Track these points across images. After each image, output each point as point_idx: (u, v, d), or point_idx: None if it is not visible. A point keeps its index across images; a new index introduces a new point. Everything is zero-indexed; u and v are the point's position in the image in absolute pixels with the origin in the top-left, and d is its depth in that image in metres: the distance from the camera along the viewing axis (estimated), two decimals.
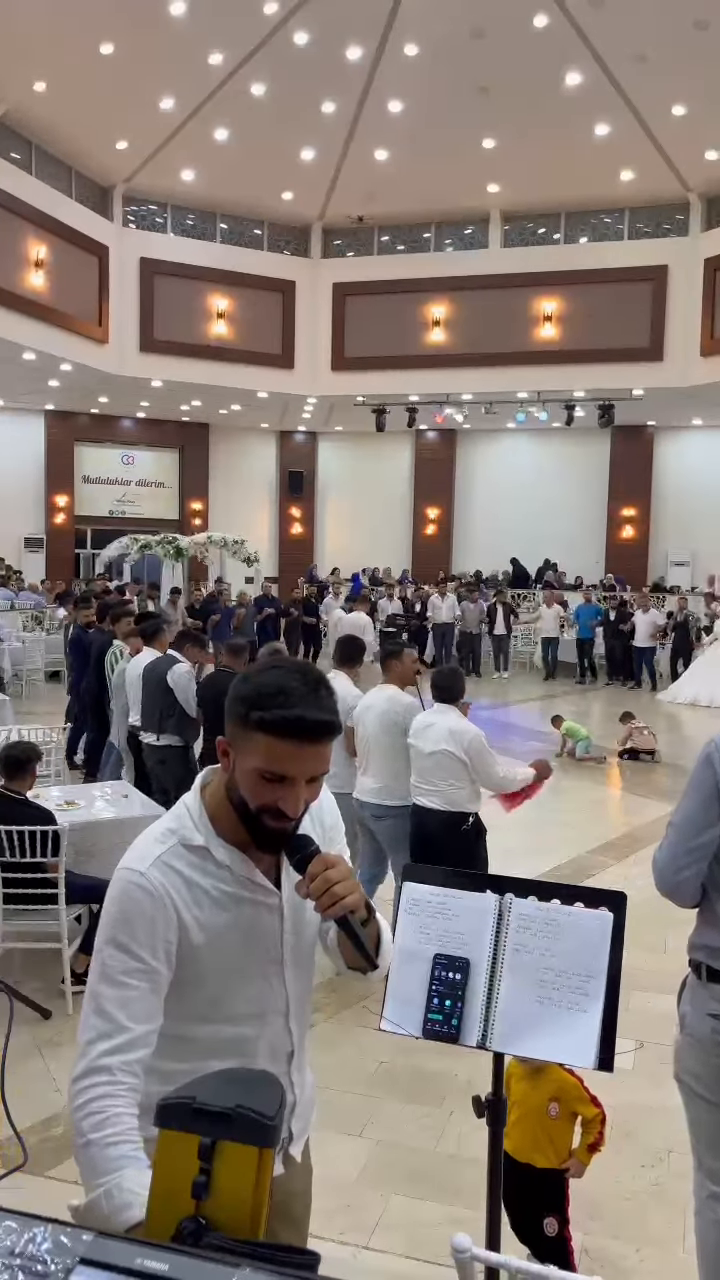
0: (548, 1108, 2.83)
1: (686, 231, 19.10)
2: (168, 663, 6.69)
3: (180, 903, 1.60)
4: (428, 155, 17.78)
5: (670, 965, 5.31)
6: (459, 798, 5.00)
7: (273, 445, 25.57)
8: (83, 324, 18.07)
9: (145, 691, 6.72)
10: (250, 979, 1.69)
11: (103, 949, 1.59)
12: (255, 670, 1.64)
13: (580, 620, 17.42)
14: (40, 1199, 3.25)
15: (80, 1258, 0.98)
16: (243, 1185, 1.14)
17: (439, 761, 4.96)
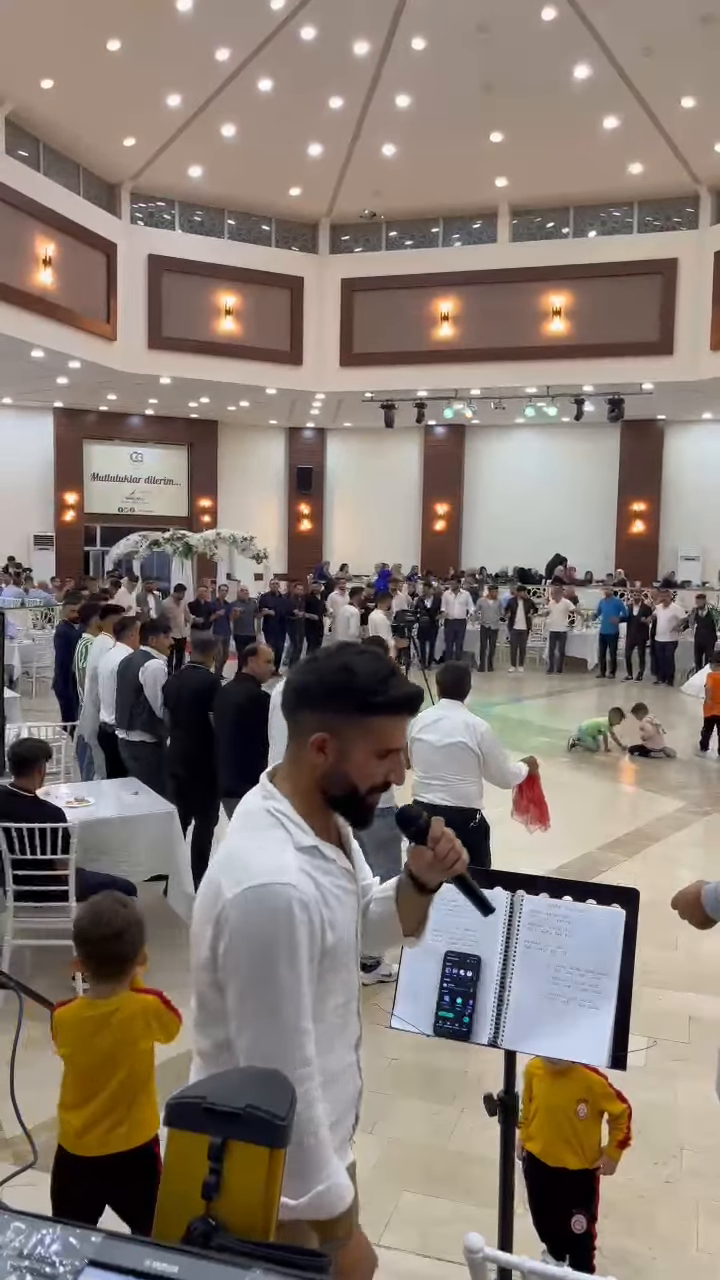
0: (576, 1109, 2.82)
1: (696, 224, 19.01)
2: (141, 658, 6.64)
3: (322, 906, 1.63)
4: (435, 150, 17.73)
5: (682, 962, 5.30)
6: (468, 793, 4.98)
7: (281, 442, 25.57)
8: (91, 321, 18.09)
9: (118, 687, 6.69)
10: (346, 968, 1.73)
11: (276, 964, 1.55)
12: (341, 662, 1.67)
13: (603, 615, 17.36)
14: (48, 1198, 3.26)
15: (89, 1259, 0.97)
16: (253, 1186, 1.14)
17: (451, 754, 4.92)
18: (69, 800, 5.56)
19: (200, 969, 1.66)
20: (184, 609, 15.78)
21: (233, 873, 1.60)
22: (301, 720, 1.68)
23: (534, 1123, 2.84)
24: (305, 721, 1.67)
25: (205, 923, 1.63)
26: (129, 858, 5.35)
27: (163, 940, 5.64)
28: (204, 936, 1.63)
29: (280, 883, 1.56)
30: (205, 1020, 1.69)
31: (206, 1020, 1.69)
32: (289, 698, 1.70)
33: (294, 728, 1.70)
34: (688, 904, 2.35)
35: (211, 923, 1.61)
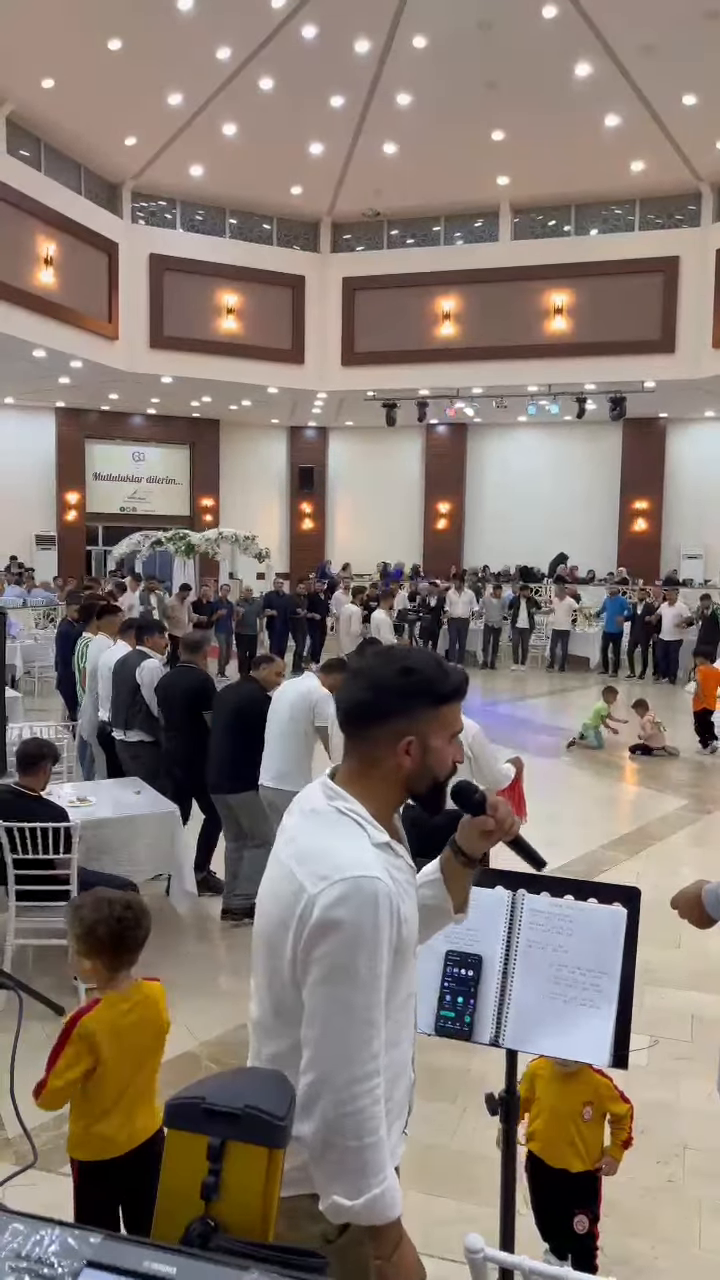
0: (582, 1112, 2.82)
1: (698, 222, 18.98)
2: (137, 658, 6.63)
3: (400, 900, 1.65)
4: (437, 148, 17.71)
5: (684, 961, 5.29)
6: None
7: (283, 441, 25.56)
8: (92, 321, 18.09)
9: (115, 687, 6.69)
10: (411, 962, 1.75)
11: (358, 957, 1.56)
12: (399, 666, 1.72)
13: (608, 613, 17.38)
14: (52, 1197, 3.27)
15: (87, 1260, 0.97)
16: (252, 1186, 1.13)
17: None
18: (71, 800, 5.57)
19: (276, 970, 1.65)
20: (188, 608, 15.78)
21: (316, 869, 1.60)
22: (375, 732, 1.71)
23: (536, 1123, 2.83)
24: (381, 732, 1.71)
25: (284, 923, 1.62)
26: (130, 857, 5.35)
27: (164, 939, 5.65)
28: (282, 937, 1.63)
29: (368, 876, 1.58)
30: (280, 1025, 1.68)
31: (281, 1025, 1.67)
32: (355, 714, 1.73)
33: (364, 742, 1.73)
34: (688, 903, 2.35)
35: (293, 920, 1.60)
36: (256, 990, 1.74)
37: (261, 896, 1.73)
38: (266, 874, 1.74)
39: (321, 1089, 1.55)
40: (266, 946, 1.68)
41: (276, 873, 1.69)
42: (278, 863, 1.71)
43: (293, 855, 1.67)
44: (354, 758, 1.75)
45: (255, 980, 1.75)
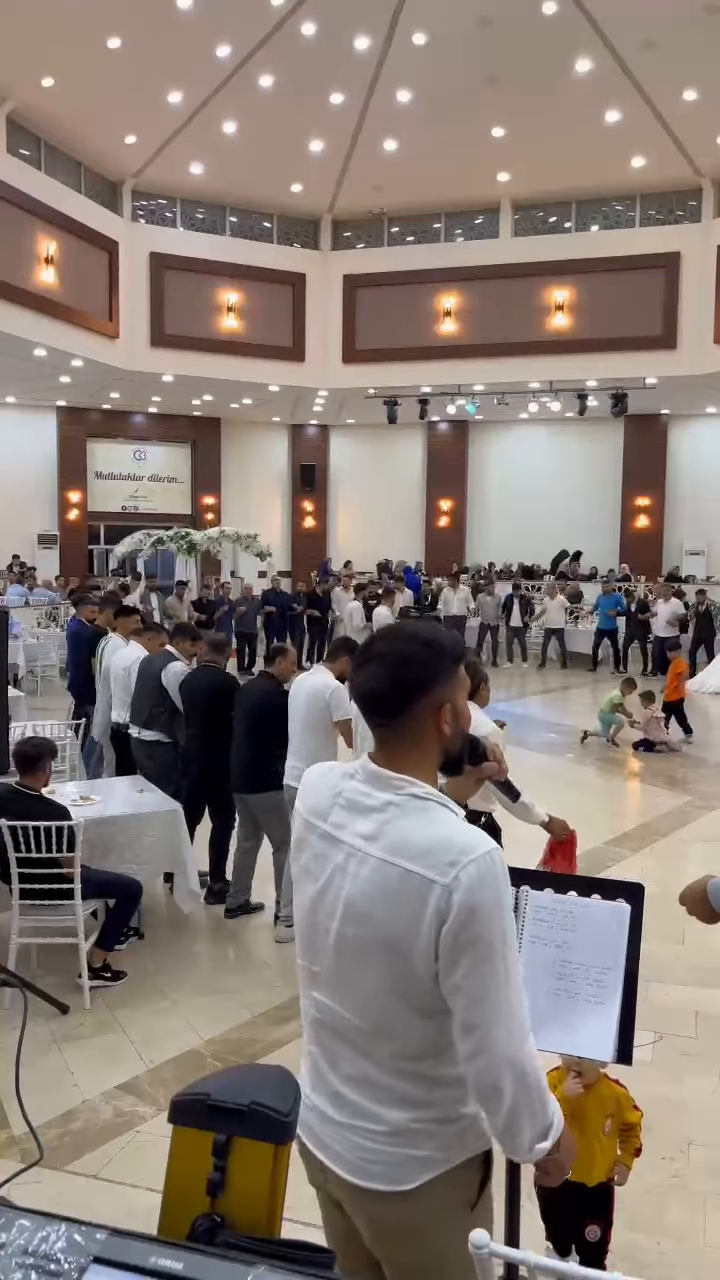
0: (604, 1125, 2.81)
1: (699, 218, 18.95)
2: (165, 659, 6.61)
3: None
4: (437, 145, 17.69)
5: (689, 956, 5.29)
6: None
7: (284, 439, 25.56)
8: (93, 319, 18.09)
9: (138, 686, 6.65)
10: None
11: (505, 928, 1.59)
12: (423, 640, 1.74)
13: (601, 610, 17.42)
14: (60, 1194, 3.27)
15: (94, 1256, 0.97)
16: (258, 1182, 1.13)
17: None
18: (75, 798, 5.57)
19: (401, 972, 1.60)
20: (188, 606, 15.78)
21: (439, 859, 1.57)
22: (416, 708, 1.70)
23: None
24: (422, 706, 1.70)
25: (410, 922, 1.58)
26: (134, 856, 5.35)
27: (168, 938, 5.65)
28: (409, 936, 1.58)
29: (489, 849, 1.59)
30: (401, 1025, 1.63)
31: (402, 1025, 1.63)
32: (392, 695, 1.70)
33: (406, 720, 1.71)
34: (694, 899, 2.35)
35: (425, 915, 1.56)
36: (355, 999, 1.67)
37: (354, 900, 1.64)
38: (354, 877, 1.65)
39: (501, 1067, 1.57)
40: (383, 951, 1.61)
41: (378, 874, 1.62)
42: (371, 862, 1.63)
43: (394, 852, 1.61)
44: (396, 740, 1.72)
45: (351, 990, 1.67)
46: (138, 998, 4.90)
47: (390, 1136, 1.65)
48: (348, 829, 1.69)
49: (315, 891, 1.72)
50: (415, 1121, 1.65)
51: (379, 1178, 1.66)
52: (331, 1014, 1.71)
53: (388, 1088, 1.66)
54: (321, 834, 1.73)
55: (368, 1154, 1.67)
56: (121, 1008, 4.79)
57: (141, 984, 5.05)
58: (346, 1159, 1.69)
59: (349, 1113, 1.70)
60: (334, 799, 1.74)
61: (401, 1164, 1.65)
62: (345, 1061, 1.70)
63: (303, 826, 1.78)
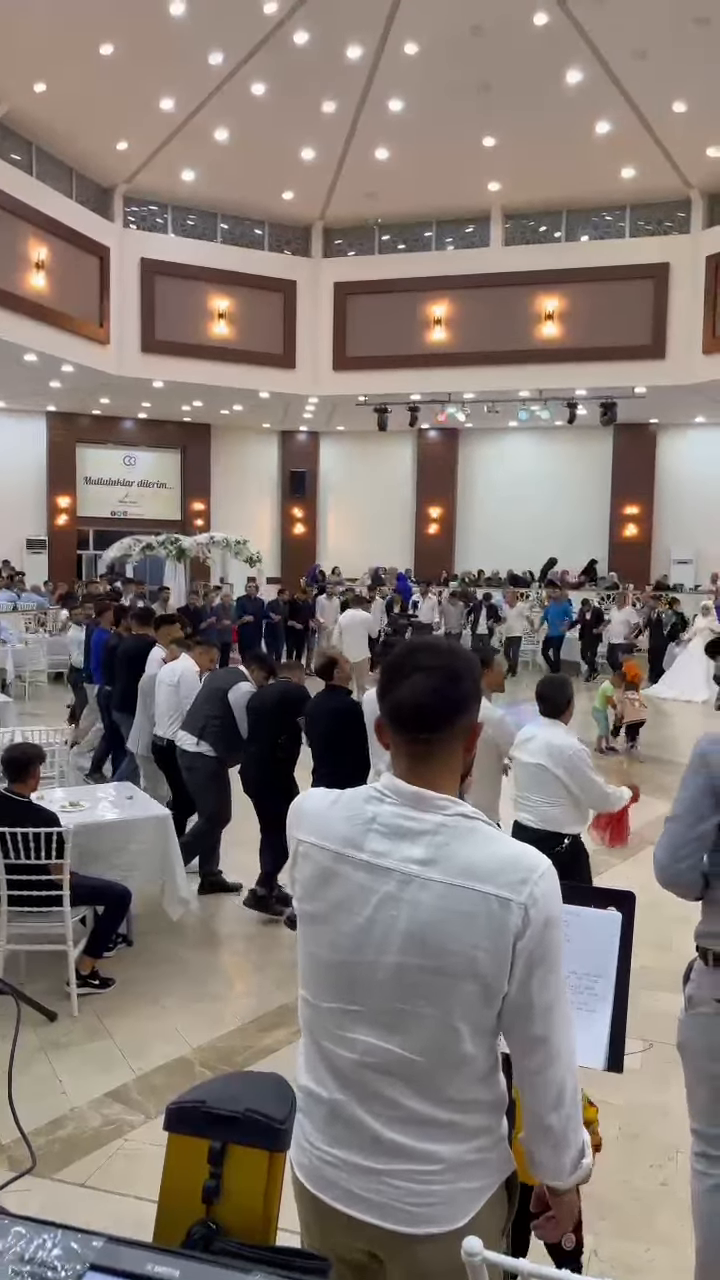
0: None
1: (688, 229, 19.07)
2: (235, 677, 6.50)
3: None
4: (428, 154, 17.77)
5: (677, 964, 5.29)
6: (555, 816, 4.72)
7: (274, 445, 25.57)
8: (84, 325, 18.08)
9: (200, 696, 6.48)
10: None
11: (562, 937, 1.63)
12: (466, 654, 1.72)
13: (550, 619, 17.65)
14: (49, 1202, 3.26)
15: (90, 1264, 0.97)
16: (254, 1189, 1.14)
17: (536, 776, 4.71)
18: (63, 804, 5.55)
19: (469, 996, 1.56)
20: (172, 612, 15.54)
21: (509, 878, 1.56)
22: (457, 728, 1.66)
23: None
24: (461, 726, 1.66)
25: (485, 942, 1.54)
26: (124, 862, 5.34)
27: (157, 946, 5.64)
28: (484, 957, 1.54)
29: (550, 866, 1.59)
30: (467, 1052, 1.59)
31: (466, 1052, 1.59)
32: (442, 716, 1.64)
33: (444, 738, 1.65)
34: None
35: (504, 935, 1.54)
36: (417, 1033, 1.58)
37: (424, 929, 1.56)
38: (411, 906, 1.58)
39: (567, 1074, 1.60)
40: (454, 976, 1.55)
41: (450, 899, 1.56)
42: (434, 888, 1.57)
43: (463, 875, 1.56)
44: (431, 758, 1.65)
45: (412, 1024, 1.58)
46: (126, 1005, 4.89)
47: (446, 1173, 1.59)
48: (393, 855, 1.60)
49: (357, 927, 1.61)
50: (471, 1152, 1.61)
51: (434, 1220, 1.58)
52: (382, 1054, 1.60)
53: (446, 1123, 1.60)
54: (359, 864, 1.63)
55: (420, 1197, 1.59)
56: (110, 1015, 4.77)
57: (130, 991, 5.03)
58: (394, 1208, 1.59)
59: (393, 1158, 1.60)
60: (366, 825, 1.64)
61: (456, 1199, 1.60)
62: (394, 1103, 1.60)
63: (328, 859, 1.66)
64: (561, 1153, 1.64)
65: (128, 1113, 3.94)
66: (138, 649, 8.01)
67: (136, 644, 8.16)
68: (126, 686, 8.00)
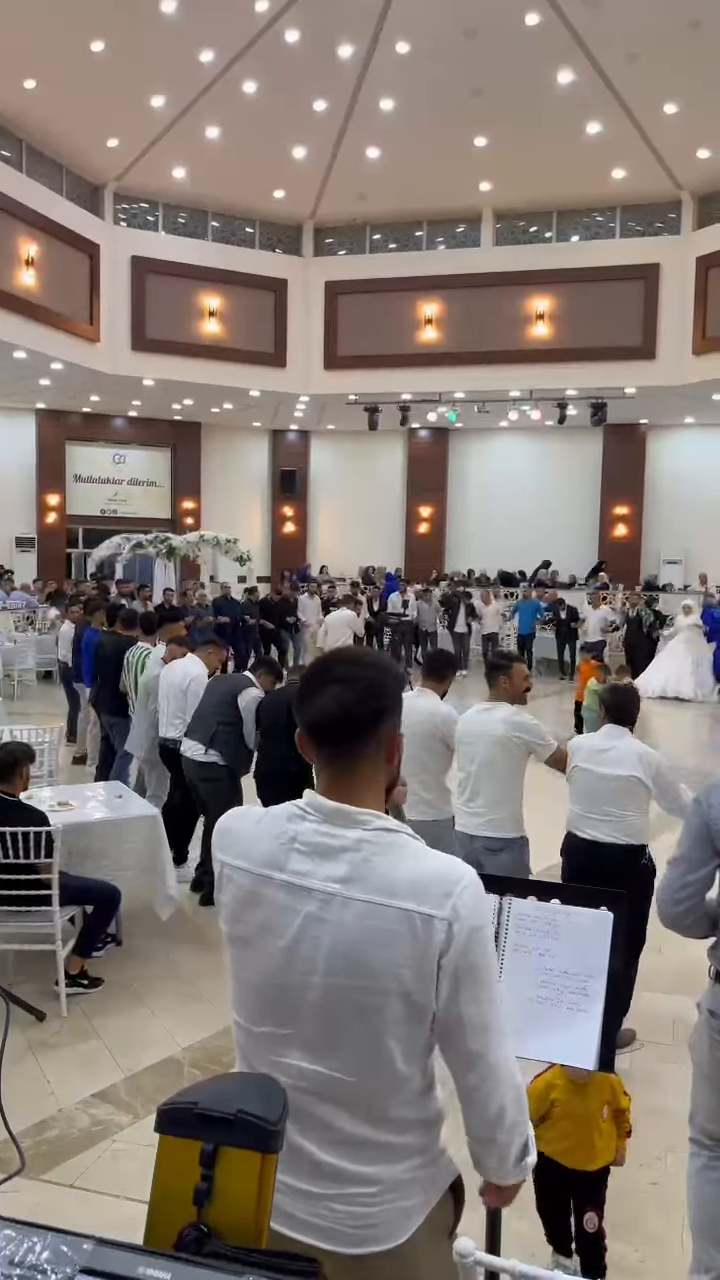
0: (602, 1112, 2.89)
1: (678, 230, 19.12)
2: (243, 682, 6.43)
3: None
4: (419, 153, 17.77)
5: (667, 965, 5.31)
6: (639, 827, 4.57)
7: (265, 444, 25.54)
8: (74, 323, 18.02)
9: (205, 702, 6.37)
10: None
11: (493, 950, 1.59)
12: (383, 666, 1.69)
13: (521, 617, 17.81)
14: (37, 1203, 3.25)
15: (81, 1267, 0.96)
16: (245, 1191, 1.13)
17: (623, 788, 4.52)
18: (52, 804, 5.53)
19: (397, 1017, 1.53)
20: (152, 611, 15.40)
21: (430, 892, 1.52)
22: (376, 737, 1.63)
23: (557, 1129, 2.87)
24: (379, 736, 1.63)
25: (414, 959, 1.51)
26: (113, 862, 5.32)
27: (147, 946, 5.62)
28: (414, 979, 1.51)
29: (473, 876, 1.56)
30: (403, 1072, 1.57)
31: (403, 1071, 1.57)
32: (357, 727, 1.61)
33: (363, 749, 1.62)
34: None
35: (427, 953, 1.51)
36: (350, 1055, 1.56)
37: (348, 949, 1.53)
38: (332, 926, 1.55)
39: (505, 1090, 1.58)
40: (381, 996, 1.52)
41: (371, 918, 1.52)
42: (355, 906, 1.54)
43: (383, 892, 1.53)
44: (351, 770, 1.62)
45: (344, 1045, 1.56)
46: (115, 1005, 4.87)
47: (385, 1194, 1.58)
48: (315, 875, 1.57)
49: (281, 949, 1.58)
50: (408, 1171, 1.59)
51: (377, 1240, 1.58)
52: (315, 1077, 1.58)
53: (383, 1144, 1.58)
54: (281, 885, 1.59)
55: (360, 1219, 1.57)
56: (99, 1015, 4.76)
57: (119, 991, 5.02)
58: (336, 1231, 1.58)
59: (331, 1182, 1.58)
60: (288, 845, 1.60)
61: (395, 1219, 1.58)
62: (330, 1125, 1.58)
63: (251, 881, 1.62)
64: (505, 1160, 1.64)
65: (116, 1113, 3.93)
66: (114, 649, 8.01)
67: (114, 643, 8.16)
68: (106, 687, 8.03)
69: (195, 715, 6.38)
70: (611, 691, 4.89)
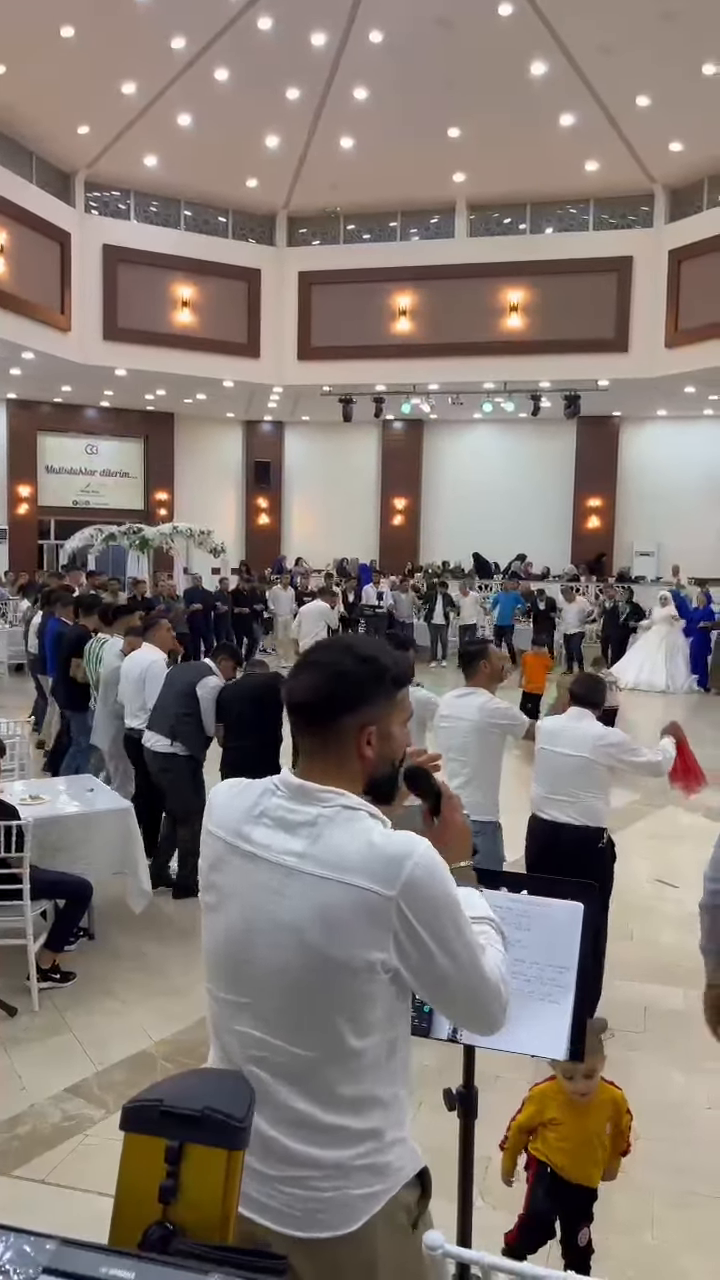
0: (605, 1128, 2.88)
1: (651, 223, 19.18)
2: (203, 671, 6.39)
3: None
4: (393, 144, 17.70)
5: (637, 954, 5.36)
6: (597, 810, 4.61)
7: (239, 435, 25.43)
8: (45, 311, 17.83)
9: (165, 693, 6.31)
10: None
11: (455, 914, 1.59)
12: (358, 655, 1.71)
13: (501, 608, 17.85)
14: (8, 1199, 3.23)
15: (44, 1267, 0.95)
16: (211, 1188, 1.12)
17: (582, 768, 4.59)
18: (23, 797, 5.49)
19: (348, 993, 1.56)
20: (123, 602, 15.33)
21: (379, 866, 1.55)
22: (344, 725, 1.67)
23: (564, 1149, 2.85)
24: (348, 724, 1.67)
25: (362, 935, 1.54)
26: (86, 855, 5.29)
27: (119, 939, 5.60)
28: (361, 955, 1.54)
29: (424, 850, 1.58)
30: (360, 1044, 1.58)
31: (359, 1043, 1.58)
32: (322, 707, 1.67)
33: (331, 734, 1.67)
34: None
35: (376, 928, 1.54)
36: (298, 1028, 1.58)
37: (298, 922, 1.56)
38: (282, 900, 1.58)
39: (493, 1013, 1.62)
40: (329, 971, 1.55)
41: (315, 894, 1.56)
42: (306, 880, 1.57)
43: (333, 868, 1.56)
44: (321, 753, 1.68)
45: (293, 1018, 1.58)
46: (87, 999, 4.85)
47: (333, 1179, 1.57)
48: (274, 848, 1.61)
49: (239, 917, 1.62)
50: (357, 1158, 1.58)
51: (326, 1225, 1.57)
52: (268, 1049, 1.60)
53: (333, 1127, 1.58)
54: (244, 854, 1.64)
55: (310, 1204, 1.57)
56: (71, 1009, 4.73)
57: (91, 985, 4.99)
58: (285, 1213, 1.58)
59: (283, 1163, 1.58)
60: (257, 817, 1.66)
61: (347, 1205, 1.58)
62: (281, 1103, 1.59)
63: (221, 848, 1.68)
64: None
65: (88, 1108, 3.91)
66: (74, 640, 7.95)
67: (74, 634, 8.11)
68: (63, 678, 8.00)
69: (156, 707, 6.34)
70: (576, 680, 5.02)
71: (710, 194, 18.18)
